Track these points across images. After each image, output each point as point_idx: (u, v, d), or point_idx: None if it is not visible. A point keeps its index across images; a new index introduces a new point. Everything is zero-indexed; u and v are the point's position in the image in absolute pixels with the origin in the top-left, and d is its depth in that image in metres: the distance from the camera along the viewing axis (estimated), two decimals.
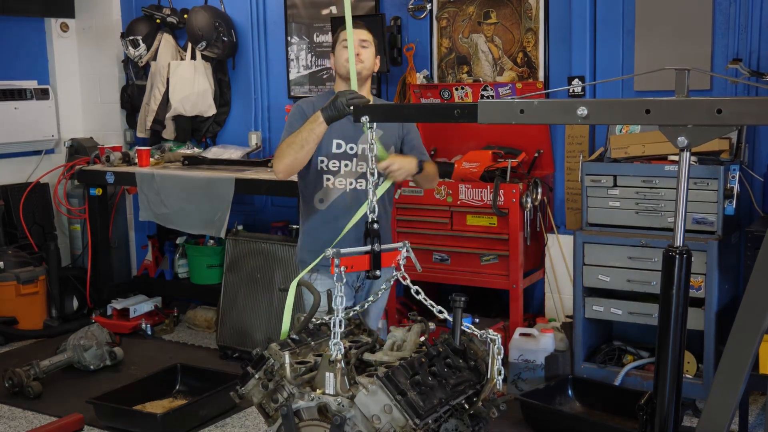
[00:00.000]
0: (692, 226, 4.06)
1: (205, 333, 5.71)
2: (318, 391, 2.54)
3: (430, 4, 5.21)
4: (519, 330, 4.47)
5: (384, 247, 2.81)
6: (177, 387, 4.52)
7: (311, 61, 5.76)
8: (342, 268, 2.58)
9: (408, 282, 2.84)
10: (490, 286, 4.71)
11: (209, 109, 6.05)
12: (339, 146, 3.41)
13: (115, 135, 6.46)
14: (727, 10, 4.32)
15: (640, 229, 4.20)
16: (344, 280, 2.58)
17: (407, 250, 2.87)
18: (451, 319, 2.75)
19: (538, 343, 4.37)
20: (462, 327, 2.75)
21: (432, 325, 3.05)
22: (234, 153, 5.79)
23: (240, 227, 5.35)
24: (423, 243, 4.75)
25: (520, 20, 4.92)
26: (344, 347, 2.59)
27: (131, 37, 6.05)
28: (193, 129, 6.16)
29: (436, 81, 5.22)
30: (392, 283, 2.80)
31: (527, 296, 4.87)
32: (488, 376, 2.68)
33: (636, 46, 4.55)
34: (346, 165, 3.42)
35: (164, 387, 4.48)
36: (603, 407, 4.07)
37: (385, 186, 3.24)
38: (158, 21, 6.04)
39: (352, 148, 3.42)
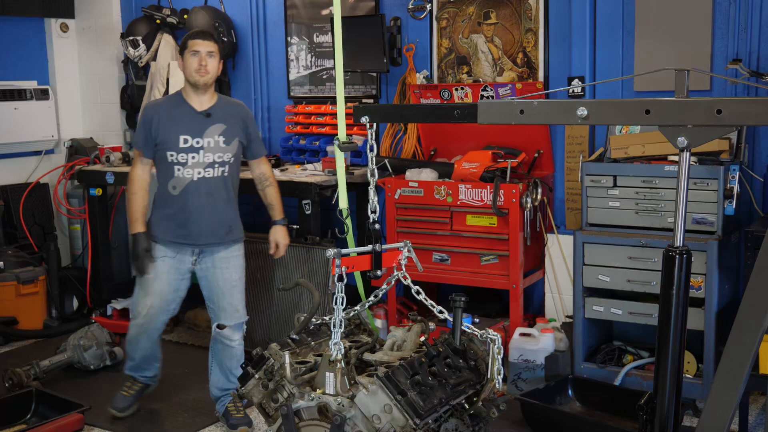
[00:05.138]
0: (692, 226, 4.05)
1: (205, 333, 5.69)
2: (318, 391, 2.54)
3: (430, 5, 5.21)
4: (519, 330, 4.47)
5: (386, 246, 2.81)
6: (30, 414, 4.19)
7: (311, 62, 5.76)
8: (343, 269, 2.59)
9: (409, 282, 2.85)
10: (490, 286, 4.71)
11: None
12: (186, 141, 3.90)
13: (114, 135, 6.47)
14: (727, 11, 4.32)
15: (640, 229, 4.20)
16: (345, 281, 2.58)
17: (408, 250, 2.88)
18: (451, 319, 2.76)
19: (538, 343, 4.37)
20: (462, 327, 2.75)
21: (432, 325, 3.06)
22: None
23: None
24: (423, 243, 4.75)
25: (519, 20, 4.92)
26: (344, 347, 2.59)
27: (131, 38, 6.05)
28: None
29: (435, 81, 5.23)
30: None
31: (527, 296, 4.87)
32: (488, 376, 2.69)
33: (636, 46, 4.55)
34: (192, 157, 3.91)
35: (18, 412, 4.17)
36: (603, 407, 4.07)
37: None
38: (158, 21, 6.05)
39: (198, 142, 3.91)
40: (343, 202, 3.64)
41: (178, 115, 3.94)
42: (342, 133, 3.30)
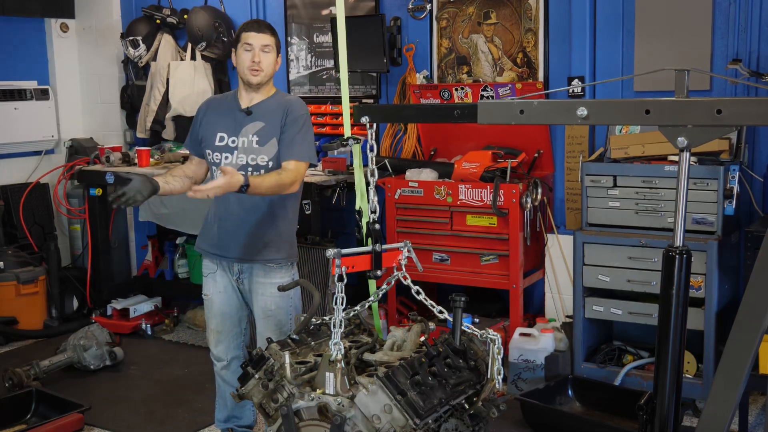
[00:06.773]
0: (692, 226, 4.06)
1: (205, 333, 5.70)
2: (318, 391, 2.55)
3: (430, 5, 5.21)
4: (519, 330, 4.47)
5: (386, 246, 2.81)
6: (30, 415, 4.19)
7: (311, 62, 5.76)
8: (343, 269, 2.59)
9: (409, 282, 2.85)
10: (490, 286, 4.71)
11: None
12: (222, 139, 3.47)
13: (115, 135, 6.47)
14: (727, 10, 4.32)
15: (640, 229, 4.20)
16: (345, 281, 2.58)
17: (408, 250, 2.88)
18: (451, 319, 2.76)
19: (538, 343, 4.37)
20: (462, 327, 2.75)
21: (432, 325, 3.06)
22: None
23: None
24: (423, 243, 4.75)
25: (519, 20, 4.92)
26: (344, 347, 2.59)
27: (131, 38, 6.05)
28: None
29: (435, 81, 5.22)
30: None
31: (527, 296, 4.87)
32: (488, 376, 2.69)
33: (636, 46, 4.55)
34: (226, 157, 3.45)
35: (18, 412, 4.17)
36: (603, 407, 4.07)
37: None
38: (158, 21, 6.05)
39: (233, 141, 3.45)
40: (359, 202, 3.46)
41: (222, 111, 3.52)
42: (347, 131, 3.20)
